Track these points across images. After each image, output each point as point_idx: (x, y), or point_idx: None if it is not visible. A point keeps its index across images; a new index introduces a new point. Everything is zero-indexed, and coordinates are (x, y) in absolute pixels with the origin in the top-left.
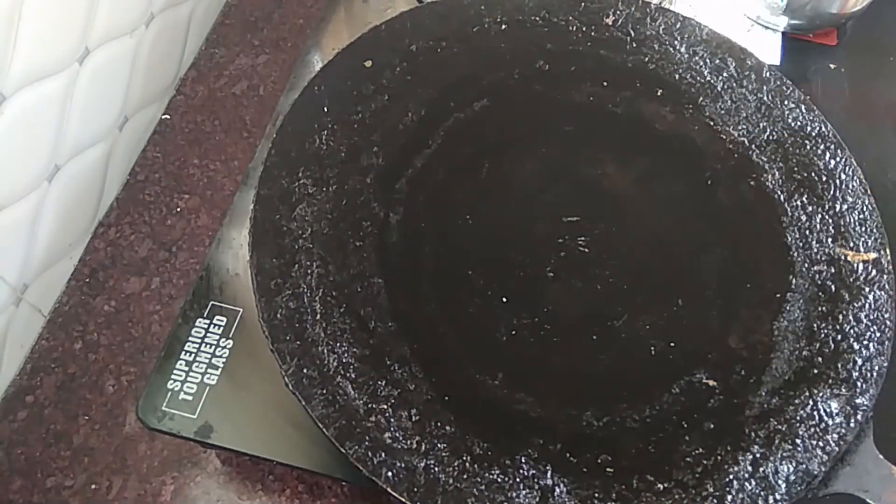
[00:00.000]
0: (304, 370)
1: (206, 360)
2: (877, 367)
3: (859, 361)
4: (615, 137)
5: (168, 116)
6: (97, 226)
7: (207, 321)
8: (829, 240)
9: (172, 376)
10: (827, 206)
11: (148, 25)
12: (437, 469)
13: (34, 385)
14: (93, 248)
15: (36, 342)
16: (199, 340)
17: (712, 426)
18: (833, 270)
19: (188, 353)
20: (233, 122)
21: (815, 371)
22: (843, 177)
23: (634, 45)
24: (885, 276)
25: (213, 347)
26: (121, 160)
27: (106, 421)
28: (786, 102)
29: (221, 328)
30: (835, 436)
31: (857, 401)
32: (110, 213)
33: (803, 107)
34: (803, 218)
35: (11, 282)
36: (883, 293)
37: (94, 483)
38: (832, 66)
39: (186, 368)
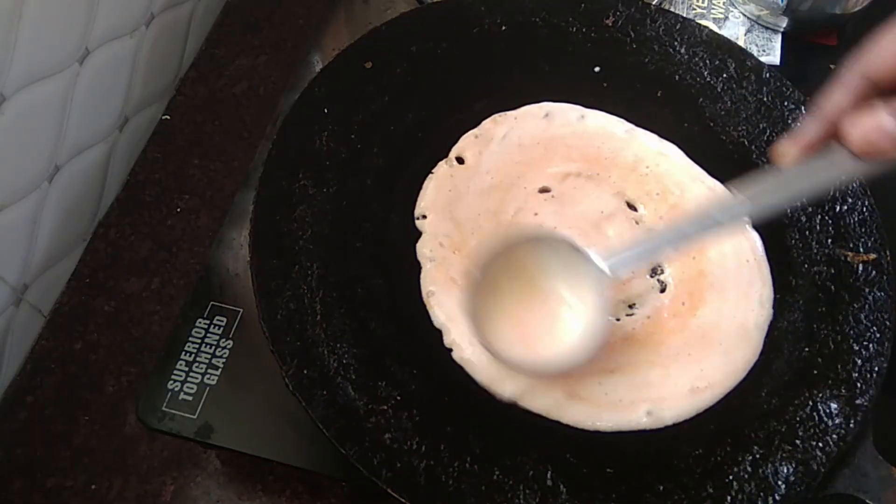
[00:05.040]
0: (305, 371)
1: (206, 361)
2: (876, 368)
3: (859, 362)
4: None
5: (168, 116)
6: (97, 226)
7: (207, 321)
8: (829, 240)
9: (172, 376)
10: (827, 207)
11: (148, 25)
12: (437, 469)
13: (34, 385)
14: (93, 248)
15: (36, 342)
16: (199, 340)
17: (712, 426)
18: (833, 271)
19: (188, 353)
20: (233, 122)
21: (815, 372)
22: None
23: (634, 46)
24: (884, 277)
25: (213, 347)
26: (121, 160)
27: (106, 421)
28: (786, 103)
29: (221, 328)
30: (834, 437)
31: (857, 402)
32: (110, 213)
33: (803, 108)
34: (803, 219)
35: (11, 282)
36: (883, 294)
37: (94, 483)
38: (832, 66)
39: (186, 368)
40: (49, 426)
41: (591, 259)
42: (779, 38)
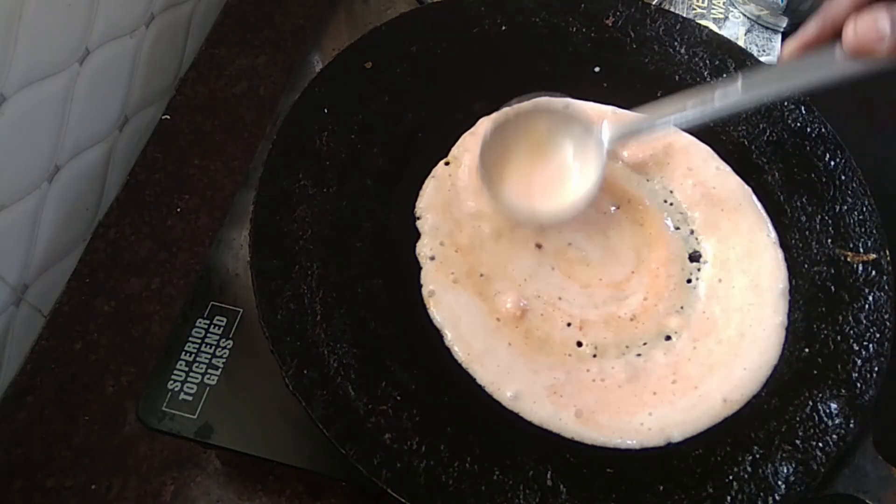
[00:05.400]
0: (305, 371)
1: (206, 360)
2: (876, 369)
3: (859, 362)
4: None
5: (168, 116)
6: (97, 226)
7: (207, 321)
8: (829, 241)
9: (172, 376)
10: (827, 207)
11: (148, 25)
12: (437, 470)
13: (34, 385)
14: (93, 248)
15: (36, 342)
16: (199, 340)
17: (712, 427)
18: (833, 271)
19: (188, 353)
20: (233, 122)
21: (815, 372)
22: (843, 178)
23: (634, 46)
24: (884, 277)
25: (213, 347)
26: (121, 160)
27: (106, 421)
28: (785, 103)
29: (221, 328)
30: (834, 437)
31: (857, 402)
32: (110, 213)
33: (803, 108)
34: (803, 219)
35: (11, 282)
36: (882, 294)
37: (94, 483)
38: None
39: (186, 368)
40: (49, 426)
41: (595, 132)
42: (779, 38)
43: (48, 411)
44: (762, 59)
